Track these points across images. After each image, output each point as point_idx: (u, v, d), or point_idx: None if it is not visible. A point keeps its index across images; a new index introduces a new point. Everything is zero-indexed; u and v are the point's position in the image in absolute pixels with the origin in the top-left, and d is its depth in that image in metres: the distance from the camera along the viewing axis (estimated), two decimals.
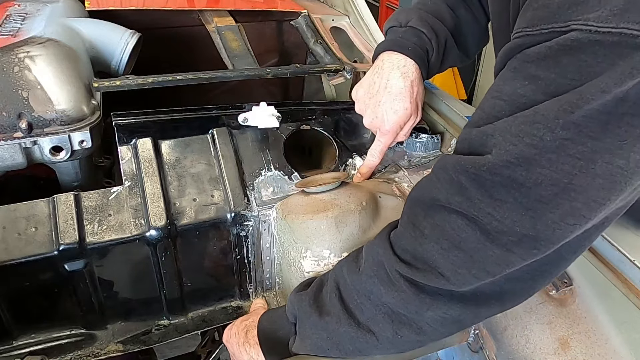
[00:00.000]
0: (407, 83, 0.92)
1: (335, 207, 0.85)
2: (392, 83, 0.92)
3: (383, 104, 0.93)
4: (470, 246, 0.56)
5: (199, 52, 1.47)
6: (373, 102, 0.94)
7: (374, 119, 0.95)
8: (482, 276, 0.57)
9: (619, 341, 0.65)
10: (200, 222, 0.88)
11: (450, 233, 0.57)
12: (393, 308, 0.64)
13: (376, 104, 0.93)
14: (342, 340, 0.68)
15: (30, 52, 0.91)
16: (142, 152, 0.92)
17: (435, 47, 0.94)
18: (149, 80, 1.02)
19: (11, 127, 0.87)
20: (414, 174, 0.99)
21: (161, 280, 0.90)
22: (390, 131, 0.94)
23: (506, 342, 0.72)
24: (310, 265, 0.84)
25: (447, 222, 0.58)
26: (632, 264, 0.65)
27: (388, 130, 0.94)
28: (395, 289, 0.62)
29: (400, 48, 0.93)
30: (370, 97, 0.95)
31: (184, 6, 1.41)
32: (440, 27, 0.95)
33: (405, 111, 0.92)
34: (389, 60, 0.93)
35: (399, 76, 0.92)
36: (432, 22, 0.94)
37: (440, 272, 0.59)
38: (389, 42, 0.95)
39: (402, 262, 0.62)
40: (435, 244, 0.59)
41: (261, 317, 0.80)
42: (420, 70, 0.93)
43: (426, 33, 0.93)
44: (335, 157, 1.06)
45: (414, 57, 0.92)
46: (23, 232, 0.80)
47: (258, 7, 1.50)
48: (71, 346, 0.87)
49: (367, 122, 0.97)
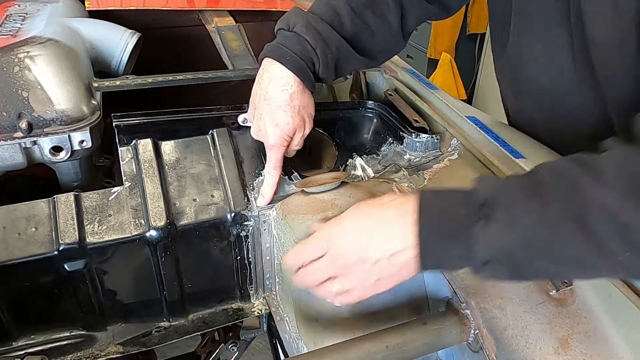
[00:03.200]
0: (286, 96, 0.85)
1: (335, 207, 0.85)
2: (271, 95, 0.86)
3: (264, 117, 0.87)
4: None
5: (199, 52, 1.47)
6: (256, 114, 0.89)
7: (258, 132, 0.90)
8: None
9: (619, 341, 0.65)
10: (200, 222, 0.88)
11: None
12: None
13: (258, 117, 0.88)
14: (559, 241, 0.55)
15: (30, 52, 0.91)
16: (143, 153, 0.92)
17: (322, 57, 0.86)
18: (149, 80, 1.02)
19: (11, 127, 0.87)
20: (414, 174, 0.99)
21: (161, 281, 0.90)
22: (275, 145, 0.88)
23: (506, 342, 0.72)
24: None
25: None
26: None
27: (273, 145, 0.88)
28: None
29: (280, 57, 0.85)
30: (254, 108, 0.90)
31: (184, 6, 1.41)
32: (331, 33, 0.87)
33: (287, 125, 0.86)
34: (268, 70, 0.87)
35: (277, 88, 0.85)
36: (322, 29, 0.86)
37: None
38: (271, 48, 0.88)
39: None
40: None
41: (422, 192, 0.65)
42: (303, 81, 0.86)
43: (310, 41, 0.85)
44: (335, 157, 1.06)
45: (292, 68, 0.85)
46: (23, 232, 0.80)
47: (258, 7, 1.50)
48: (71, 347, 0.87)
49: (253, 133, 0.92)
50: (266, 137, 0.89)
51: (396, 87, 1.21)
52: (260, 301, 1.01)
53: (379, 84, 1.30)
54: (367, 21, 0.91)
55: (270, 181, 0.92)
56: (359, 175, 1.05)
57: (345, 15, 0.89)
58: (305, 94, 0.89)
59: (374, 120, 1.15)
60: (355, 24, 0.90)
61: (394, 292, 0.88)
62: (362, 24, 0.91)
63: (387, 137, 1.09)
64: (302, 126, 0.90)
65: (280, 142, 0.88)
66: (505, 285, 0.75)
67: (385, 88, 1.26)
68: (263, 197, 0.92)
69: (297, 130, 0.89)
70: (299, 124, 0.89)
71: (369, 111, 1.16)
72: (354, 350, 0.69)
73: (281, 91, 0.85)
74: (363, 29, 0.91)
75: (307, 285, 0.72)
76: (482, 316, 0.75)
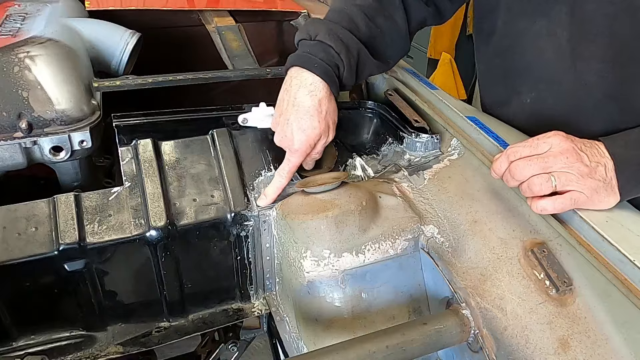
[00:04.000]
0: (315, 102, 0.88)
1: (335, 207, 0.85)
2: (299, 101, 0.88)
3: (291, 123, 0.89)
4: None
5: (199, 52, 1.48)
6: (282, 120, 0.90)
7: (283, 137, 0.90)
8: None
9: (619, 341, 0.65)
10: (200, 222, 0.88)
11: None
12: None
13: (285, 122, 0.90)
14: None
15: (30, 52, 0.91)
16: (143, 153, 0.92)
17: (346, 62, 0.90)
18: (149, 80, 1.02)
19: (11, 127, 0.87)
20: (414, 174, 0.99)
21: (161, 281, 0.90)
22: (299, 150, 0.90)
23: (506, 342, 0.72)
24: (310, 265, 0.84)
25: None
26: (632, 264, 0.65)
27: (297, 150, 0.90)
28: None
29: (307, 65, 0.89)
30: (279, 115, 0.91)
31: (184, 6, 1.41)
32: (352, 39, 0.92)
33: (313, 130, 0.89)
34: (297, 77, 0.90)
35: (306, 94, 0.88)
36: (343, 35, 0.91)
37: None
38: (296, 57, 0.91)
39: None
40: None
41: (605, 142, 0.73)
42: (330, 87, 0.90)
43: (334, 47, 0.89)
44: (335, 157, 1.06)
45: (321, 74, 0.88)
46: (23, 232, 0.80)
47: (258, 7, 1.50)
48: (71, 347, 0.87)
49: (277, 139, 0.93)
50: (291, 142, 0.90)
51: (396, 87, 1.21)
52: (260, 301, 1.01)
53: (379, 84, 1.30)
54: (379, 25, 0.96)
55: (278, 184, 0.92)
56: (359, 175, 1.05)
57: (361, 21, 0.94)
58: (332, 100, 0.92)
59: (374, 120, 1.15)
60: (370, 29, 0.95)
61: (394, 292, 0.89)
62: (376, 28, 0.96)
63: (387, 137, 1.09)
64: (326, 132, 0.92)
65: (305, 147, 0.90)
66: (505, 285, 0.75)
67: (385, 88, 1.26)
68: (265, 198, 0.92)
69: (321, 136, 0.91)
70: (324, 130, 0.91)
71: (369, 111, 1.16)
72: (354, 350, 0.69)
73: (310, 97, 0.88)
74: (377, 33, 0.96)
75: (517, 178, 0.73)
76: (482, 316, 0.75)
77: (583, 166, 0.70)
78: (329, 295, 0.84)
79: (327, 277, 0.83)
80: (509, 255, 0.78)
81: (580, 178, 0.70)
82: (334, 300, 0.84)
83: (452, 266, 0.82)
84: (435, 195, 0.92)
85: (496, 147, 0.90)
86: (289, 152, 0.92)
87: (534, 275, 0.74)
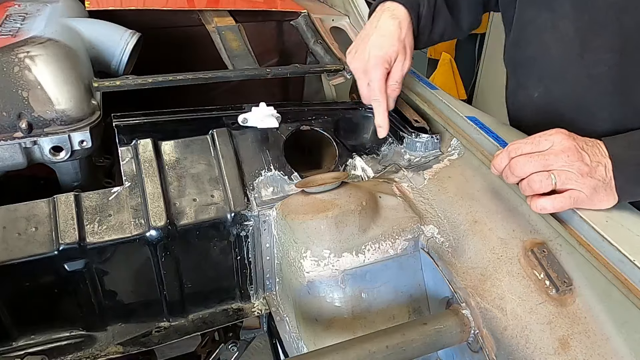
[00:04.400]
0: (396, 23, 0.96)
1: (335, 207, 0.85)
2: (381, 24, 0.96)
3: (370, 42, 0.95)
4: None
5: (199, 52, 1.47)
6: (362, 44, 0.97)
7: (360, 59, 0.96)
8: None
9: (619, 341, 0.65)
10: (200, 222, 0.88)
11: None
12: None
13: (364, 43, 0.96)
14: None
15: (30, 52, 0.91)
16: (143, 153, 0.92)
17: (426, 2, 0.99)
18: (149, 80, 1.02)
19: (11, 127, 0.87)
20: (414, 174, 0.99)
21: (161, 281, 0.90)
22: (375, 65, 0.94)
23: (506, 342, 0.72)
24: (310, 265, 0.84)
25: None
26: (632, 264, 0.65)
27: (374, 64, 0.94)
28: None
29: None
30: (360, 41, 0.98)
31: (184, 6, 1.41)
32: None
33: (391, 47, 0.94)
34: (381, 8, 1.00)
35: (388, 17, 0.96)
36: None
37: None
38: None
39: None
40: None
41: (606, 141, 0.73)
42: (411, 16, 0.97)
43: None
44: (335, 157, 1.06)
45: (405, 3, 0.97)
46: (23, 232, 0.80)
47: (258, 7, 1.50)
48: (71, 347, 0.87)
49: (353, 66, 0.99)
50: (367, 60, 0.95)
51: None
52: (260, 301, 1.01)
53: None
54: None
55: (380, 107, 0.97)
56: (359, 175, 1.05)
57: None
58: (411, 29, 0.99)
59: (374, 120, 1.15)
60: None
61: (394, 292, 0.89)
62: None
63: (387, 137, 1.09)
64: (403, 55, 0.96)
65: (381, 62, 0.94)
66: (505, 285, 0.75)
67: None
68: (381, 128, 0.98)
69: (398, 56, 0.95)
70: (401, 50, 0.96)
71: (369, 111, 1.15)
72: (354, 350, 0.69)
73: (392, 19, 0.96)
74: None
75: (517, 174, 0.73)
76: (482, 316, 0.75)
77: (583, 165, 0.70)
78: (329, 295, 0.84)
79: (327, 277, 0.83)
80: (509, 255, 0.78)
81: (580, 177, 0.70)
82: (334, 300, 0.84)
83: (452, 266, 0.82)
84: (435, 195, 0.92)
85: (496, 147, 0.90)
86: (366, 72, 0.96)
87: (534, 275, 0.74)
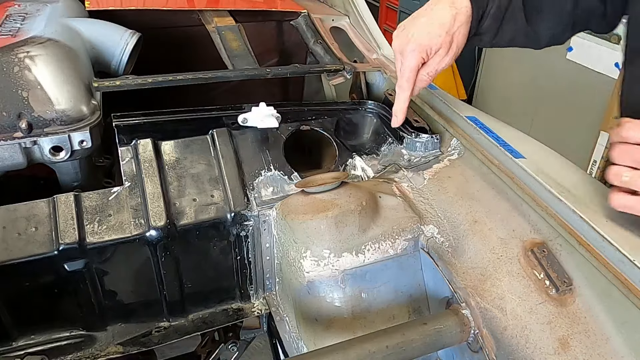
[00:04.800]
0: (452, 13, 0.85)
1: (335, 207, 0.85)
2: (437, 9, 0.86)
3: (417, 25, 0.86)
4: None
5: (199, 52, 1.47)
6: (410, 24, 0.88)
7: (402, 38, 0.87)
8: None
9: (619, 341, 0.65)
10: (200, 222, 0.88)
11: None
12: None
13: (412, 24, 0.87)
14: None
15: (30, 52, 0.91)
16: (143, 153, 0.92)
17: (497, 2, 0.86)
18: (149, 80, 1.02)
19: (11, 127, 0.87)
20: (414, 174, 0.99)
21: (161, 281, 0.90)
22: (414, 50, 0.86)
23: (506, 342, 0.72)
24: (310, 265, 0.84)
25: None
26: (632, 264, 0.65)
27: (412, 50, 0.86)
28: None
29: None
30: (411, 20, 0.88)
31: (184, 6, 1.41)
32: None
33: (436, 38, 0.85)
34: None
35: (446, 4, 0.85)
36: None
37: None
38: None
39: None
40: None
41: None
42: (472, 11, 0.85)
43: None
44: (335, 157, 1.06)
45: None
46: (23, 232, 0.80)
47: (258, 7, 1.50)
48: (71, 347, 0.87)
49: (394, 42, 0.89)
50: (407, 43, 0.86)
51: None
52: (260, 301, 1.01)
53: (379, 84, 1.30)
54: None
55: (402, 95, 0.89)
56: (359, 175, 1.05)
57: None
58: (466, 26, 0.87)
59: (374, 120, 1.15)
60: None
61: (394, 292, 0.88)
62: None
63: (387, 137, 1.09)
64: (446, 49, 0.87)
65: (419, 50, 0.86)
66: (505, 285, 0.75)
67: (385, 88, 1.26)
68: (396, 117, 0.92)
69: (440, 49, 0.86)
70: (446, 44, 0.86)
71: (369, 111, 1.16)
72: (354, 350, 0.69)
73: (449, 8, 0.85)
74: None
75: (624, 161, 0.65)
76: (482, 316, 0.75)
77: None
78: (329, 295, 0.84)
79: (327, 277, 0.83)
80: (509, 255, 0.78)
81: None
82: (334, 300, 0.84)
83: (452, 266, 0.82)
84: (435, 195, 0.92)
85: (496, 147, 0.90)
86: (403, 55, 0.88)
87: (534, 275, 0.74)
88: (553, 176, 0.82)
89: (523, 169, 0.84)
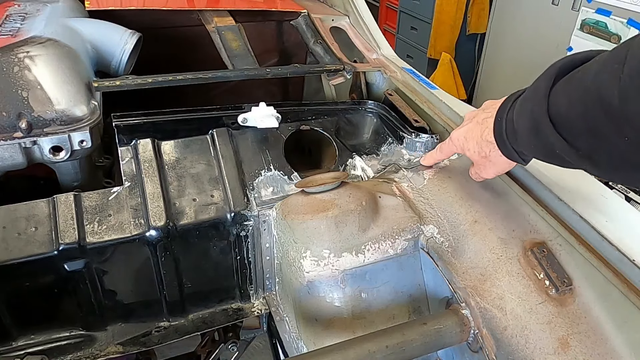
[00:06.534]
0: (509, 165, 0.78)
1: (335, 207, 0.85)
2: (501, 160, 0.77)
3: (479, 137, 0.78)
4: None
5: (199, 52, 1.48)
6: (477, 129, 0.79)
7: (466, 139, 0.82)
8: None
9: (619, 341, 0.65)
10: (200, 222, 0.88)
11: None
12: None
13: (479, 130, 0.78)
14: None
15: (30, 52, 0.91)
16: (142, 153, 0.92)
17: None
18: (149, 80, 1.02)
19: (11, 127, 0.87)
20: (414, 173, 0.99)
21: (161, 281, 0.90)
22: (462, 151, 0.84)
23: (506, 342, 0.72)
24: (310, 265, 0.84)
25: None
26: (632, 264, 0.65)
27: (463, 151, 0.84)
28: None
29: (502, 137, 0.73)
30: (480, 122, 0.79)
31: (184, 6, 1.41)
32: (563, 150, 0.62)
33: (497, 173, 0.82)
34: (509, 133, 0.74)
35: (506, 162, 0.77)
36: (554, 142, 0.61)
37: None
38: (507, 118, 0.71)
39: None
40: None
41: None
42: None
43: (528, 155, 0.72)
44: (335, 157, 1.06)
45: (508, 155, 0.74)
46: (23, 232, 0.80)
47: (258, 7, 1.50)
48: (71, 347, 0.87)
49: (456, 134, 0.85)
50: (463, 146, 0.83)
51: (396, 87, 1.21)
52: (260, 301, 1.01)
53: (379, 84, 1.30)
54: (609, 138, 0.56)
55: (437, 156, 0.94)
56: (359, 175, 1.05)
57: None
58: None
59: (374, 120, 1.15)
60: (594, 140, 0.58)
61: (394, 292, 0.88)
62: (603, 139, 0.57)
63: (387, 137, 1.09)
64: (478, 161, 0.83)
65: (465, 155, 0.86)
66: (505, 285, 0.75)
67: (385, 88, 1.26)
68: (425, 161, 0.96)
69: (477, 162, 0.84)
70: (480, 159, 0.82)
71: (369, 111, 1.16)
72: (354, 350, 0.69)
73: (508, 165, 0.78)
74: (600, 147, 0.58)
75: None
76: (482, 316, 0.75)
77: None
78: (328, 295, 0.84)
79: (327, 277, 0.83)
80: (509, 255, 0.78)
81: None
82: (334, 300, 0.84)
83: (452, 266, 0.82)
84: (435, 195, 0.92)
85: None
86: (458, 148, 0.85)
87: (533, 275, 0.74)
88: (553, 176, 0.82)
89: (523, 168, 0.84)
